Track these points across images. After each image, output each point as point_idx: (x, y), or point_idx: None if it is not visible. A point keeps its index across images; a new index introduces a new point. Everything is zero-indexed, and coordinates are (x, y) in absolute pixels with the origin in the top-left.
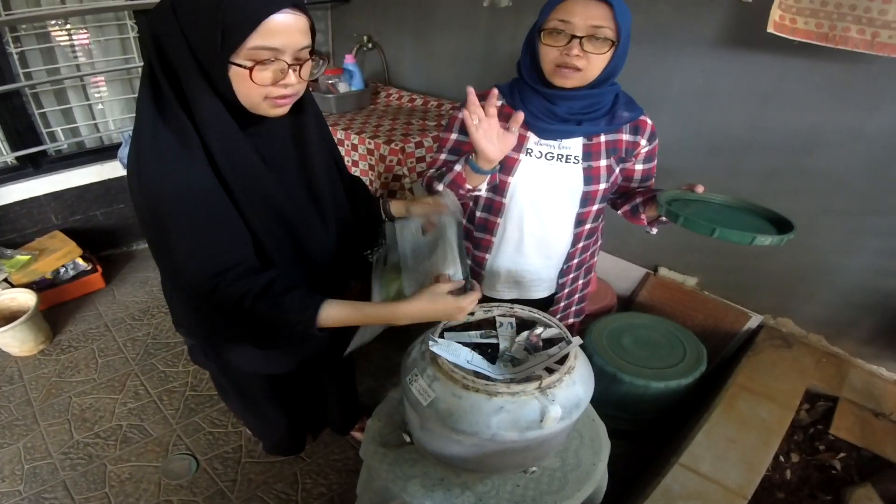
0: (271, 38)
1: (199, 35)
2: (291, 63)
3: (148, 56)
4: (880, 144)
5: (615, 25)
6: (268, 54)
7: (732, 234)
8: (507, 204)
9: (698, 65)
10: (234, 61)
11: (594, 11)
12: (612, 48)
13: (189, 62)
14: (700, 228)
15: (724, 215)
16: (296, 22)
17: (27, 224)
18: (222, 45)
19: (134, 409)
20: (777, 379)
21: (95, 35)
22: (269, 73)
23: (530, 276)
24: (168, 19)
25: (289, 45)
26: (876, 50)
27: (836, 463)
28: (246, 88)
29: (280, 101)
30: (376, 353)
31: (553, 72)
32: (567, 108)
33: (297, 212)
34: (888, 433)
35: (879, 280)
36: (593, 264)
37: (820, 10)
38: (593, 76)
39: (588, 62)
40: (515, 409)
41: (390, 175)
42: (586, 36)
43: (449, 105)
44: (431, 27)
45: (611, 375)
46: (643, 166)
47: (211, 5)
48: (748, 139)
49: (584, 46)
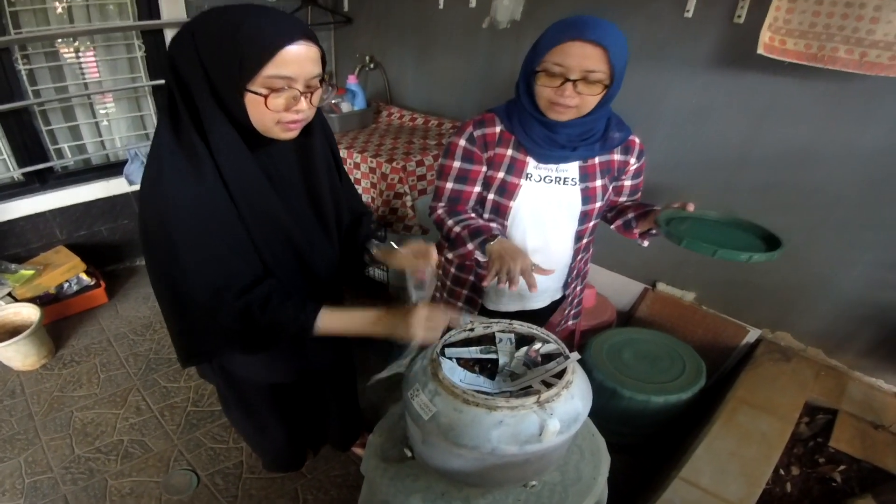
0: (285, 68)
1: (217, 63)
2: (303, 91)
3: (167, 81)
4: (873, 159)
5: (609, 68)
6: (282, 83)
7: (732, 254)
8: (510, 225)
9: (693, 84)
10: (250, 89)
11: (589, 54)
12: (606, 89)
13: (205, 88)
14: (703, 250)
15: (718, 232)
16: (308, 52)
17: (32, 239)
18: (239, 73)
19: (135, 424)
20: (776, 392)
21: (103, 54)
22: (283, 100)
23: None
24: (186, 47)
25: (301, 74)
26: (864, 69)
27: (836, 475)
28: (260, 114)
29: (291, 126)
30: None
31: (548, 108)
32: (566, 136)
33: (302, 230)
34: (888, 445)
35: (876, 293)
36: (588, 270)
37: (809, 31)
38: (587, 111)
39: (582, 100)
40: (515, 422)
41: (392, 193)
42: (580, 79)
43: (449, 124)
44: (433, 48)
45: (611, 390)
46: (632, 182)
47: (229, 36)
48: (744, 155)
49: (577, 88)
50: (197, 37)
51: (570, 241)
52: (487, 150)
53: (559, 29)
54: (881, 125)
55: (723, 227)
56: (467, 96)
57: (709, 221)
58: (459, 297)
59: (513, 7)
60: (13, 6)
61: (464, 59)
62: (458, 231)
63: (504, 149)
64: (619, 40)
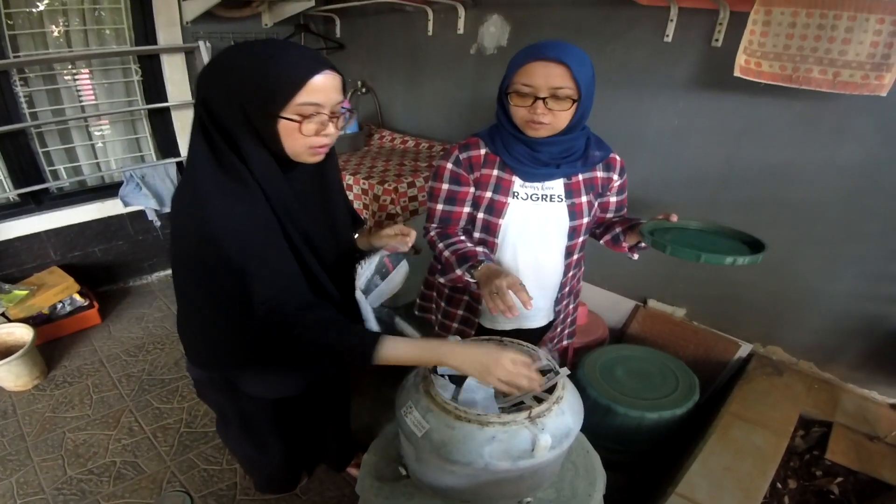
0: (314, 95)
1: (251, 94)
2: (330, 116)
3: (198, 112)
4: (851, 175)
5: (574, 83)
6: (311, 109)
7: (716, 258)
8: (500, 243)
9: (674, 105)
10: (285, 116)
11: (553, 72)
12: (575, 103)
13: (240, 118)
14: (687, 255)
15: (701, 240)
16: (333, 81)
17: (26, 259)
18: (273, 102)
19: (128, 445)
20: (770, 406)
21: (100, 77)
22: (313, 126)
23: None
24: (219, 80)
25: (328, 100)
26: (838, 89)
27: (833, 488)
28: (293, 139)
29: (320, 150)
30: (372, 389)
31: (524, 126)
32: (548, 153)
33: (323, 244)
34: (885, 456)
35: (863, 305)
36: (580, 288)
37: (783, 53)
38: (562, 126)
39: (554, 116)
40: (507, 438)
41: (384, 214)
42: (549, 96)
43: (440, 147)
44: (422, 73)
45: (605, 407)
46: (616, 198)
47: (262, 68)
48: (725, 173)
49: (547, 105)
50: (230, 70)
51: (561, 258)
52: (473, 171)
53: (524, 52)
54: (857, 142)
55: (706, 235)
56: (456, 119)
57: (691, 230)
58: (455, 317)
59: (499, 34)
60: (12, 30)
61: (453, 83)
62: (448, 256)
63: (490, 169)
64: (580, 57)
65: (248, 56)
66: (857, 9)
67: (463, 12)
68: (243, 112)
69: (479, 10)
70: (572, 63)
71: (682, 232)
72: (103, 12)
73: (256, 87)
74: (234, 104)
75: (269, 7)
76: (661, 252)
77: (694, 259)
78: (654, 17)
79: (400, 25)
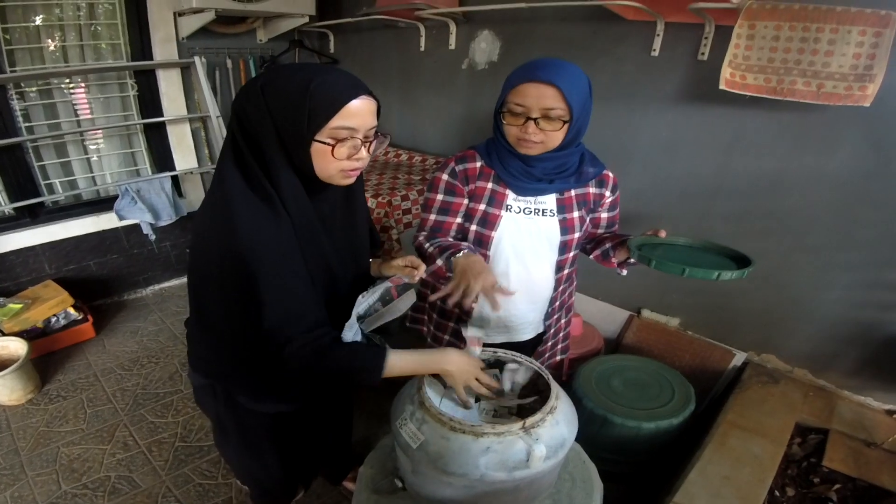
0: (350, 119)
1: (287, 116)
2: (363, 140)
3: (231, 129)
4: (840, 184)
5: (566, 105)
6: (346, 133)
7: (700, 272)
8: (492, 255)
9: (663, 119)
10: (319, 139)
11: (545, 93)
12: (566, 124)
13: (273, 138)
14: (672, 269)
15: (689, 255)
16: (369, 106)
17: (21, 273)
18: (308, 125)
19: (123, 459)
20: (766, 414)
21: (96, 92)
22: (346, 149)
23: (518, 320)
24: (257, 101)
25: (363, 125)
26: (822, 100)
27: (832, 495)
28: (325, 162)
29: (351, 173)
30: (369, 402)
31: (517, 144)
32: (542, 169)
33: (342, 268)
34: (882, 462)
35: (856, 312)
36: (572, 303)
37: (767, 66)
38: (554, 145)
39: (546, 136)
40: (502, 449)
41: (378, 227)
42: (540, 117)
43: (433, 160)
44: (415, 88)
45: (601, 418)
46: (608, 214)
47: (300, 92)
48: (716, 185)
49: (539, 125)
50: (267, 92)
51: (551, 272)
52: (469, 183)
53: (517, 72)
54: (844, 152)
55: (693, 251)
56: (449, 133)
57: (679, 246)
58: (447, 329)
59: (490, 49)
60: (9, 44)
61: (445, 98)
62: (432, 251)
63: (485, 182)
64: (573, 77)
65: (288, 77)
66: (839, 21)
67: (454, 28)
68: (277, 132)
69: (470, 26)
70: (564, 85)
71: (670, 248)
72: (100, 27)
73: (293, 109)
74: (267, 124)
75: (264, 23)
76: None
77: (679, 273)
78: (642, 32)
79: (393, 41)
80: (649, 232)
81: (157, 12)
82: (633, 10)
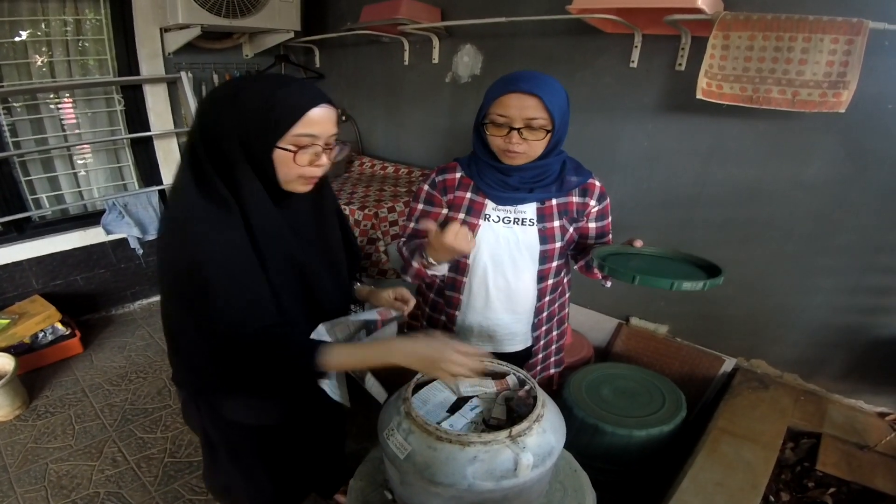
0: (312, 127)
1: (251, 124)
2: (324, 147)
3: (192, 138)
4: (818, 191)
5: (548, 114)
6: (307, 140)
7: (652, 281)
8: (471, 264)
9: (643, 129)
10: (281, 146)
11: (527, 104)
12: (549, 133)
13: (236, 146)
14: (623, 277)
15: (657, 265)
16: (330, 114)
17: (8, 288)
18: (272, 132)
19: (112, 476)
20: (757, 420)
21: (84, 107)
22: (308, 156)
23: (502, 330)
24: (220, 108)
25: (323, 132)
26: (797, 107)
27: (827, 499)
28: (287, 168)
29: (311, 180)
30: (359, 416)
31: (501, 154)
32: (519, 178)
33: (315, 274)
34: (876, 465)
35: (840, 317)
36: (564, 316)
37: (742, 75)
38: (537, 154)
39: (529, 146)
40: (489, 458)
41: (365, 239)
42: (523, 127)
43: (419, 172)
44: (400, 101)
45: (592, 427)
46: (596, 224)
47: (263, 101)
48: (696, 193)
49: (522, 135)
50: (231, 100)
51: (533, 282)
52: (447, 193)
53: (499, 84)
54: (822, 159)
55: (663, 261)
56: (434, 145)
57: (650, 256)
58: (438, 323)
59: (472, 63)
60: None
61: (429, 110)
62: (406, 255)
63: (463, 192)
64: (553, 88)
65: (251, 87)
66: (811, 30)
67: (437, 43)
68: (240, 141)
69: (452, 40)
70: (545, 95)
71: (641, 258)
72: (87, 43)
73: (256, 118)
74: (232, 133)
75: (250, 38)
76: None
77: (630, 281)
78: (620, 45)
79: (377, 56)
80: (625, 242)
81: (144, 28)
82: (611, 24)
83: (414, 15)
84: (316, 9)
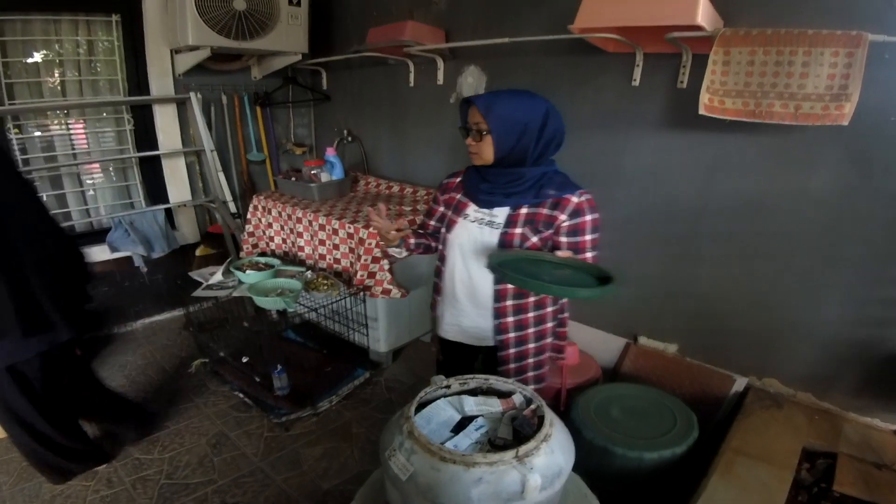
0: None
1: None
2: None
3: None
4: (824, 203)
5: (482, 119)
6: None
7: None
8: (446, 253)
9: (647, 145)
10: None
11: (471, 111)
12: (488, 134)
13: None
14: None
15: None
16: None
17: None
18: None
19: (107, 496)
20: (772, 440)
21: (93, 126)
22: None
23: (468, 321)
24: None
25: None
26: (800, 121)
27: None
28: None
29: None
30: (360, 439)
31: (470, 157)
32: (495, 180)
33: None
34: (894, 484)
35: (852, 331)
36: (545, 331)
37: (744, 90)
38: (488, 155)
39: (479, 148)
40: (495, 479)
41: (370, 257)
42: (474, 131)
43: (424, 191)
44: (405, 121)
45: (602, 448)
46: (567, 239)
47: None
48: (701, 207)
49: (473, 138)
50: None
51: (489, 281)
52: (445, 193)
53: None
54: (827, 171)
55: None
56: (438, 165)
57: (547, 262)
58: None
59: (476, 83)
60: (9, 79)
61: (434, 131)
62: None
63: (456, 193)
64: (498, 101)
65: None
66: (811, 44)
67: (442, 64)
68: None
69: (457, 61)
70: (479, 103)
71: (536, 263)
72: (98, 64)
73: None
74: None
75: (259, 61)
76: None
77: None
78: (622, 63)
79: (383, 77)
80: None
81: (155, 50)
82: (612, 43)
83: (419, 37)
84: (323, 31)
